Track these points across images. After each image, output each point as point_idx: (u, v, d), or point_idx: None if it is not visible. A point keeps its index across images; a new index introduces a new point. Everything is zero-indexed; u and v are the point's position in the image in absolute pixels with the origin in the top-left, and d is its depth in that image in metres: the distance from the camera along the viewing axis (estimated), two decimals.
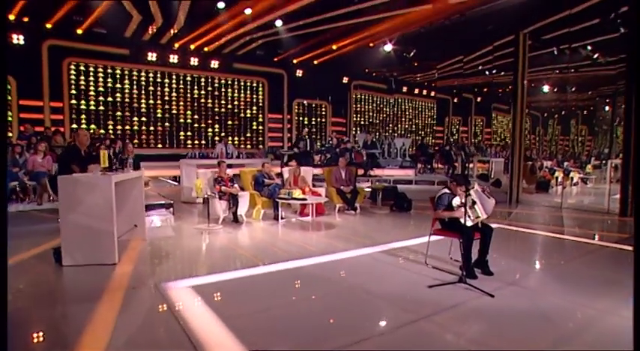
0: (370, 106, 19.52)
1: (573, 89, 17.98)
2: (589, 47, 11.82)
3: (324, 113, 18.67)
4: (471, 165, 14.49)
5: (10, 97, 11.40)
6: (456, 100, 20.97)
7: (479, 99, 20.43)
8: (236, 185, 7.55)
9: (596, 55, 12.54)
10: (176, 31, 12.08)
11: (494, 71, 15.87)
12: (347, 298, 3.72)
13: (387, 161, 13.60)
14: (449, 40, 12.17)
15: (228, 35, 12.38)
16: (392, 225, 7.44)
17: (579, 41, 10.94)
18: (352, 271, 4.55)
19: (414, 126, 20.71)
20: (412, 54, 13.69)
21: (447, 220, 4.41)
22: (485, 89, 19.27)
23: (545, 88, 18.06)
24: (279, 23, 11.17)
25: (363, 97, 19.31)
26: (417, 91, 20.79)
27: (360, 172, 12.79)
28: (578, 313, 3.42)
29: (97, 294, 3.64)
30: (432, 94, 21.16)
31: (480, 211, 4.24)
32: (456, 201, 4.33)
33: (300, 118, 17.96)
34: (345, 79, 18.33)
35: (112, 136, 11.83)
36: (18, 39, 11.09)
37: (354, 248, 5.44)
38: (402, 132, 19.05)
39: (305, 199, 7.30)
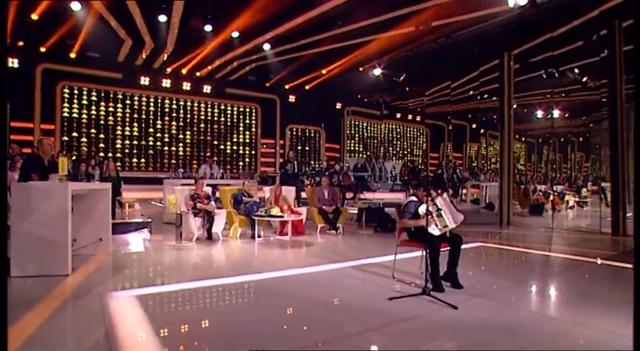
0: (364, 132, 19.59)
1: (566, 115, 17.98)
2: (576, 70, 11.87)
3: (317, 139, 18.72)
4: (464, 190, 14.29)
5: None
6: (450, 127, 21.07)
7: (474, 125, 20.48)
8: (212, 203, 7.38)
9: (584, 79, 12.59)
10: (167, 56, 12.30)
11: (485, 96, 15.96)
12: (296, 309, 3.47)
13: (377, 185, 13.45)
14: (437, 64, 12.31)
15: (217, 60, 12.59)
16: (371, 244, 7.20)
17: (565, 64, 10.99)
18: (314, 284, 4.31)
19: (406, 151, 20.70)
20: (402, 78, 13.84)
21: (414, 230, 4.19)
22: (478, 115, 19.37)
23: (539, 114, 18.08)
24: (267, 46, 11.36)
25: (356, 122, 19.41)
26: (410, 117, 20.93)
27: (350, 195, 12.63)
28: (545, 326, 3.15)
29: (32, 303, 3.41)
30: (426, 120, 21.27)
31: (448, 220, 4.03)
32: (422, 209, 4.12)
33: (294, 144, 17.99)
34: (339, 105, 18.49)
35: (101, 157, 11.82)
36: (12, 62, 11.32)
37: (324, 264, 5.20)
38: (393, 157, 18.99)
39: (282, 216, 7.09)
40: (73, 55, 11.70)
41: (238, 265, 5.30)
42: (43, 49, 11.30)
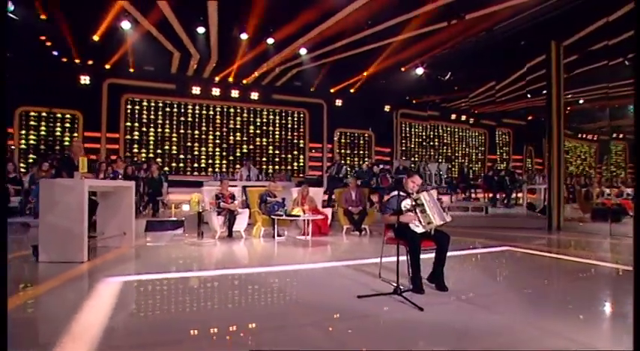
0: (415, 134, 19.03)
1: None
2: None
3: (367, 142, 18.54)
4: (520, 194, 13.24)
5: (77, 129, 13.14)
6: (498, 132, 19.83)
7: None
8: (236, 202, 7.71)
9: None
10: (213, 66, 13.09)
11: (544, 92, 14.67)
12: (256, 302, 3.53)
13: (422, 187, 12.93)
14: (482, 60, 11.61)
15: (259, 68, 13.10)
16: (387, 245, 6.96)
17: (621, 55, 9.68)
18: (295, 280, 4.34)
19: (460, 153, 19.69)
20: (448, 77, 13.25)
21: (397, 227, 4.00)
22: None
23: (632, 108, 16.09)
24: (303, 51, 11.59)
25: (407, 124, 18.92)
26: (464, 117, 19.92)
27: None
28: (514, 334, 2.84)
29: (39, 282, 3.88)
30: (482, 121, 20.08)
31: (433, 217, 3.82)
32: (405, 203, 3.95)
33: (342, 148, 18.00)
34: (388, 108, 18.13)
35: (145, 159, 12.92)
36: (84, 79, 12.83)
37: (323, 262, 5.19)
38: (441, 159, 18.14)
39: (298, 216, 7.18)
40: (131, 70, 12.93)
41: (230, 260, 5.51)
42: (107, 66, 12.65)
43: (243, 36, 10.29)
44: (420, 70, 12.99)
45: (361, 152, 18.22)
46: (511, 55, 10.87)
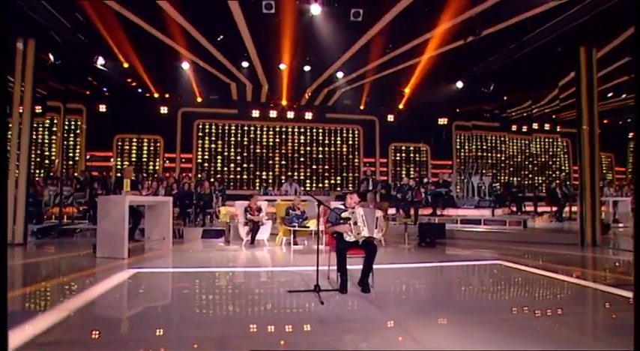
0: (471, 146, 18.59)
1: None
2: None
3: (422, 156, 18.61)
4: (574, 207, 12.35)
5: (159, 150, 15.78)
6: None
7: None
8: (261, 214, 8.88)
9: None
10: (267, 92, 14.71)
11: (610, 95, 13.52)
12: (201, 292, 4.57)
13: (462, 201, 12.82)
14: (518, 69, 11.32)
15: (306, 92, 14.36)
16: (386, 255, 7.51)
17: None
18: (254, 279, 5.37)
19: (527, 164, 18.64)
20: (492, 88, 13.02)
21: (335, 236, 4.71)
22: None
23: None
24: (340, 75, 12.55)
25: (462, 136, 18.59)
26: (536, 126, 18.89)
27: (428, 211, 12.55)
28: (370, 327, 3.37)
29: (84, 269, 5.43)
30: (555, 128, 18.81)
31: (363, 229, 4.48)
32: (344, 215, 4.66)
33: (397, 163, 18.34)
34: (444, 121, 18.00)
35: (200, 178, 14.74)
36: (163, 109, 15.41)
37: (302, 266, 6.00)
38: (486, 170, 17.40)
39: (308, 227, 8.09)
40: (199, 100, 15.18)
41: (235, 261, 6.64)
42: (180, 98, 15.04)
43: (282, 66, 11.64)
44: (460, 84, 13.04)
45: (416, 167, 18.33)
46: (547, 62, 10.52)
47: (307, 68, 11.99)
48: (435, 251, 7.85)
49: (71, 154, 15.20)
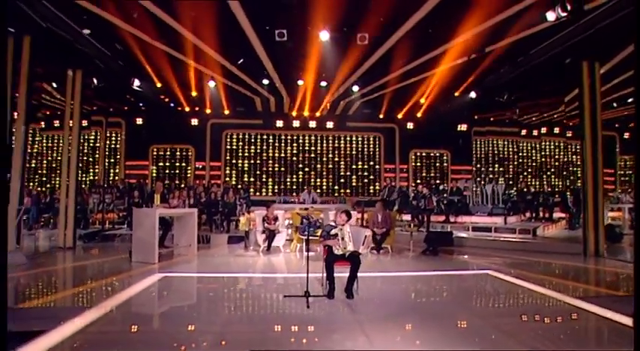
0: (492, 152, 18.71)
1: None
2: None
3: (443, 162, 18.89)
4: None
5: (190, 160, 17.06)
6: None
7: (626, 135, 16.72)
8: (277, 223, 9.71)
9: None
10: (289, 103, 15.62)
11: (630, 100, 13.39)
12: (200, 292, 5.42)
13: (476, 208, 13.09)
14: (532, 79, 11.53)
15: (325, 103, 15.13)
16: (389, 263, 8.14)
17: None
18: (257, 283, 6.21)
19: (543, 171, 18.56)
20: (506, 97, 13.23)
21: (327, 248, 5.44)
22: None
23: None
24: (355, 88, 13.23)
25: (484, 143, 18.73)
26: (557, 130, 18.77)
27: (441, 218, 12.98)
28: (341, 328, 4.06)
29: (120, 273, 6.46)
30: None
31: (348, 244, 5.20)
32: (334, 231, 5.39)
33: (417, 169, 18.73)
34: (464, 127, 18.23)
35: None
36: (194, 121, 16.68)
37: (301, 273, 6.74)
38: (499, 177, 17.43)
39: (316, 235, 8.83)
40: (227, 112, 16.32)
41: (247, 266, 7.50)
42: (209, 111, 16.23)
43: (300, 82, 12.47)
44: (472, 94, 13.36)
45: (438, 173, 18.65)
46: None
47: (324, 84, 12.75)
48: (434, 260, 8.37)
49: (112, 160, 16.73)
